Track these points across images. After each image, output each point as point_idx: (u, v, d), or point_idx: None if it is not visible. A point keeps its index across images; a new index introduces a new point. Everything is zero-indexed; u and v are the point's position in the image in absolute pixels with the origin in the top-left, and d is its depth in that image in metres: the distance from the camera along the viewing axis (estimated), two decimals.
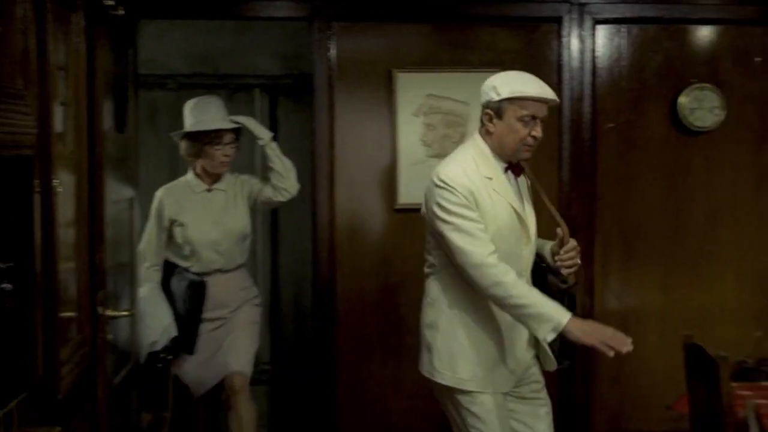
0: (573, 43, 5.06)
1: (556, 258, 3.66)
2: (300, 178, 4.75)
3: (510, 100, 3.51)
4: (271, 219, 6.27)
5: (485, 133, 3.60)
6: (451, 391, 3.66)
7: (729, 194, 5.22)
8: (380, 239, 5.08)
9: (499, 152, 3.58)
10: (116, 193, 3.84)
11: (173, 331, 4.63)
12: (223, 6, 5.05)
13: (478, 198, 3.49)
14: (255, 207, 4.91)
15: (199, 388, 4.82)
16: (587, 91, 5.09)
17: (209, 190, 4.78)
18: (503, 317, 3.58)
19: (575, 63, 5.04)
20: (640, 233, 5.16)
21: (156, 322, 4.58)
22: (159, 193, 4.79)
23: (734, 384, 3.73)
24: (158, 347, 4.54)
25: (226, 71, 6.22)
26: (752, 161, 5.23)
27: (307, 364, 4.67)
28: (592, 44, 5.09)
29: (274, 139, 4.76)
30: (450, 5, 5.03)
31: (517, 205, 3.58)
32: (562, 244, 3.65)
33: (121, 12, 3.44)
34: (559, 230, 3.63)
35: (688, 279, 5.18)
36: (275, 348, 6.33)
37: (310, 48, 5.05)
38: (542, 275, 3.70)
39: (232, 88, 6.21)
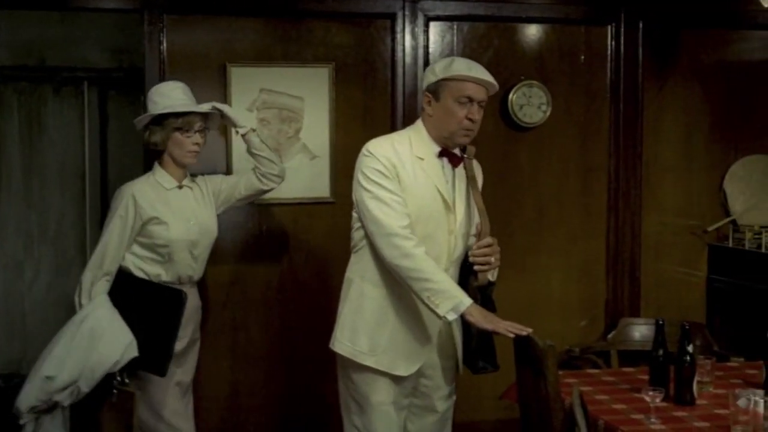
0: (406, 40, 5.11)
1: (470, 253, 3.67)
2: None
3: (447, 80, 3.58)
4: (101, 214, 6.09)
5: (426, 118, 3.66)
6: (346, 367, 3.71)
7: (556, 187, 5.38)
8: None
9: (436, 136, 3.64)
10: None
11: (134, 351, 4.11)
12: None
13: (401, 173, 3.57)
14: (229, 204, 4.52)
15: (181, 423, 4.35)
16: (420, 86, 5.14)
17: (180, 187, 4.32)
18: (415, 302, 3.60)
19: (408, 59, 5.09)
20: None
21: (117, 341, 4.08)
22: (127, 190, 4.23)
23: (561, 372, 3.85)
24: (118, 368, 4.08)
25: (53, 63, 6.03)
26: (577, 155, 5.40)
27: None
28: (425, 41, 5.15)
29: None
30: (283, 0, 5.01)
31: (444, 190, 3.63)
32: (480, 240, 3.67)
33: None
34: (477, 224, 3.68)
35: (518, 271, 5.30)
36: None
37: (141, 41, 4.94)
38: (466, 273, 3.73)
39: (59, 81, 6.03)
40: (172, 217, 4.23)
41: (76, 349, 4.07)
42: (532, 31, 5.32)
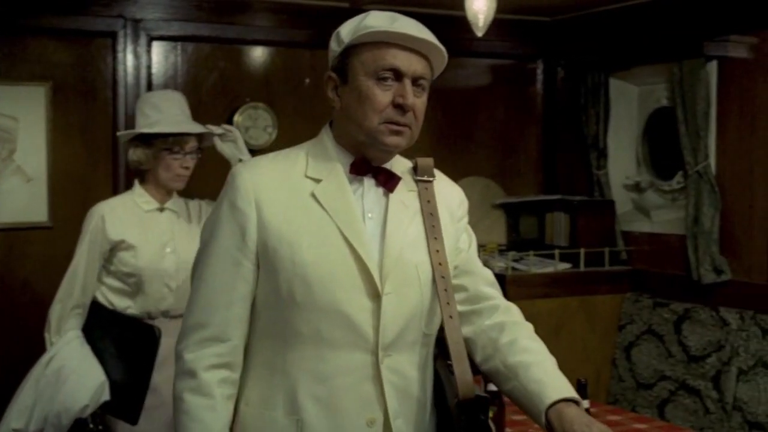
0: (128, 59, 4.97)
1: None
2: None
3: (355, 48, 2.16)
4: None
5: (335, 115, 2.27)
6: None
7: None
8: None
9: (348, 140, 2.21)
10: None
11: (106, 394, 3.56)
12: None
13: (264, 209, 2.12)
14: None
15: None
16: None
17: (161, 210, 3.73)
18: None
19: (131, 79, 4.96)
20: None
21: (86, 382, 3.53)
22: (96, 210, 3.66)
23: None
24: (87, 413, 3.53)
25: None
26: None
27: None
28: (148, 61, 5.03)
29: None
30: None
31: (352, 227, 2.13)
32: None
33: None
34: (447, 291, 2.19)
35: None
36: None
37: None
38: (442, 374, 2.26)
39: None
40: (143, 241, 3.65)
41: (42, 393, 3.54)
42: (258, 54, 5.33)
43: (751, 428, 4.45)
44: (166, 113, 3.71)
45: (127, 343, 3.58)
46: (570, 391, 2.13)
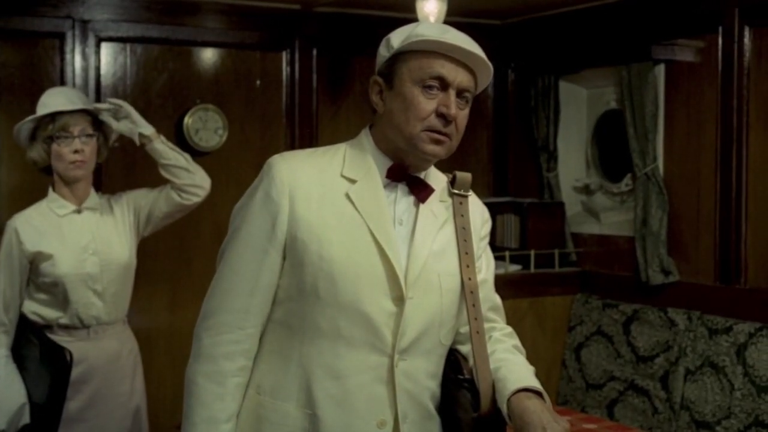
0: (76, 60, 4.92)
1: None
2: None
3: (405, 54, 2.19)
4: None
5: (377, 119, 2.28)
6: None
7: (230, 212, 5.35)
8: None
9: (385, 146, 2.25)
10: None
11: (26, 418, 3.40)
12: None
13: (297, 202, 2.17)
14: (149, 224, 3.81)
15: None
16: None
17: (78, 211, 3.62)
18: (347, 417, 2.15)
19: (79, 80, 4.90)
20: (149, 254, 5.13)
21: (4, 404, 3.39)
22: (10, 223, 3.55)
23: None
24: None
25: None
26: (254, 178, 5.40)
27: None
28: (97, 62, 4.98)
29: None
30: None
31: (383, 230, 2.17)
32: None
33: None
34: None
35: (198, 298, 5.20)
36: None
37: None
38: (453, 388, 2.25)
39: None
40: (60, 248, 3.53)
41: None
42: (208, 55, 5.29)
43: (698, 427, 4.50)
44: (52, 107, 3.61)
45: (45, 364, 3.44)
46: (532, 383, 2.18)
